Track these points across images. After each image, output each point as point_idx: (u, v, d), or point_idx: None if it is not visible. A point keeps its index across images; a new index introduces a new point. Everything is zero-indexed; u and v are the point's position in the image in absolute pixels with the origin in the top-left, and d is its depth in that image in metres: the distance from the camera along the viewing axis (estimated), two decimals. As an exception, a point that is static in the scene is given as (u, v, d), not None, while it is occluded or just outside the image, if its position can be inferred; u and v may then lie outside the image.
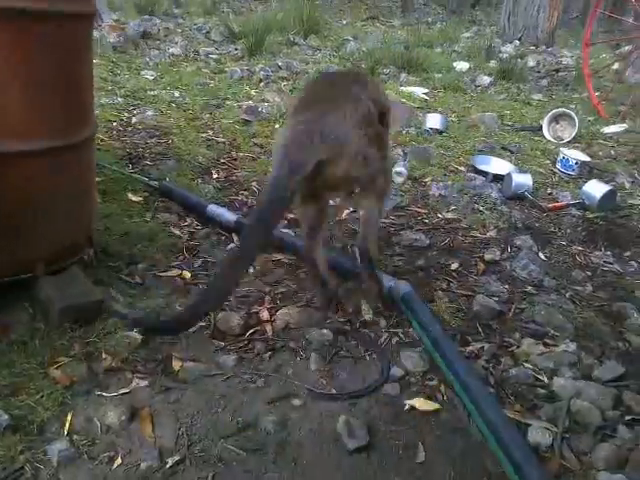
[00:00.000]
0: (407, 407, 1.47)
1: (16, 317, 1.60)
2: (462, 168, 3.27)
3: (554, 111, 4.08)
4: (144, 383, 1.48)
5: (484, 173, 3.11)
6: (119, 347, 1.56)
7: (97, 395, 1.42)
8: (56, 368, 1.47)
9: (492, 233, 2.53)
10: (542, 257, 2.34)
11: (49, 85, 1.49)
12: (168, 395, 1.46)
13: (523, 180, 2.89)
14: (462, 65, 6.51)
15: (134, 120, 3.61)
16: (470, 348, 1.72)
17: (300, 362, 1.61)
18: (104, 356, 1.54)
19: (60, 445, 1.26)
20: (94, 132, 1.76)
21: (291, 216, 2.50)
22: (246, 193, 2.75)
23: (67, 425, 1.33)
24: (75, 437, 1.29)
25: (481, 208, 2.77)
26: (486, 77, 5.91)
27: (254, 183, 2.86)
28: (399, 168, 2.99)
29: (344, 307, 1.87)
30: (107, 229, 2.16)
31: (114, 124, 3.47)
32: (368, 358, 1.65)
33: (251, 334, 1.72)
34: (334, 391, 1.51)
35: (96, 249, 1.92)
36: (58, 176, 1.60)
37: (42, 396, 1.37)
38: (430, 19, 13.94)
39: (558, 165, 3.37)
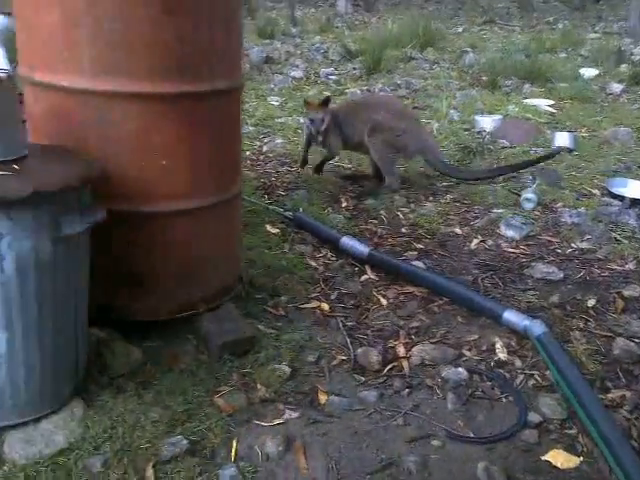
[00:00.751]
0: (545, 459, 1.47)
1: (183, 348, 1.78)
2: (596, 191, 3.18)
3: (698, 124, 3.84)
4: (295, 415, 1.59)
5: (620, 197, 3.00)
6: (271, 379, 1.71)
7: (255, 424, 1.55)
8: (219, 397, 1.61)
9: (631, 265, 2.43)
10: (688, 293, 2.22)
11: (209, 151, 1.70)
12: (317, 428, 1.55)
13: (665, 206, 2.74)
14: (590, 72, 6.26)
15: (265, 149, 3.86)
16: (611, 395, 1.67)
17: (437, 401, 1.65)
18: (259, 387, 1.67)
19: (229, 471, 1.38)
20: (242, 186, 1.96)
21: (420, 246, 2.58)
22: (375, 222, 2.86)
23: (233, 452, 1.45)
24: (241, 464, 1.42)
25: (618, 237, 2.65)
26: (617, 84, 5.66)
27: (382, 212, 2.96)
28: (528, 194, 2.96)
29: (477, 344, 1.91)
30: (251, 262, 2.34)
31: (247, 153, 3.72)
32: (504, 400, 1.65)
33: (389, 370, 1.79)
34: (471, 434, 1.53)
35: (244, 284, 2.12)
36: (218, 227, 1.80)
37: (211, 423, 1.54)
38: (551, 18, 13.33)
39: None
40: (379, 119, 3.10)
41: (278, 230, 2.68)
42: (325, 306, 2.13)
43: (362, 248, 2.40)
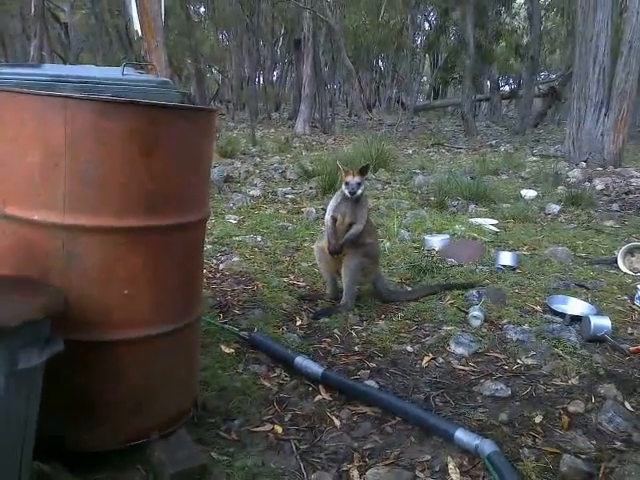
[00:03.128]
0: None
1: (130, 479, 1.74)
2: (538, 308, 3.34)
3: (628, 245, 4.12)
4: None
5: (561, 314, 3.14)
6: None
7: None
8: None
9: (574, 381, 2.51)
10: (629, 407, 2.28)
11: (173, 279, 1.74)
12: None
13: (602, 322, 2.85)
14: (530, 193, 6.72)
15: (221, 267, 3.96)
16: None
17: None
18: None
19: None
20: (203, 310, 2.01)
21: (372, 365, 2.65)
22: (329, 340, 2.92)
23: None
24: None
25: (561, 353, 2.76)
26: (555, 205, 6.06)
27: (336, 330, 3.04)
28: (475, 312, 3.11)
29: (431, 465, 1.94)
30: (205, 383, 2.35)
31: (204, 271, 3.80)
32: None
33: (343, 496, 1.81)
34: None
35: (198, 407, 2.12)
36: (177, 353, 1.80)
37: None
38: (494, 141, 14.45)
39: (637, 302, 3.36)
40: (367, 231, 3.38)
41: (233, 350, 2.71)
42: (279, 429, 2.14)
43: (316, 368, 2.44)
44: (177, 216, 1.72)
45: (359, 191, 3.23)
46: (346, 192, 3.23)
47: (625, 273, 3.99)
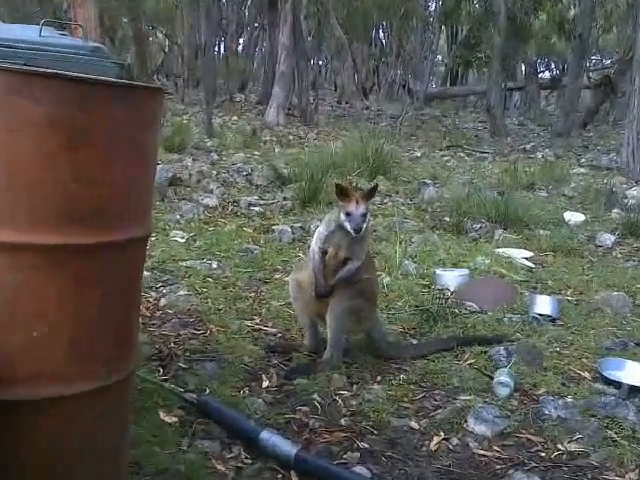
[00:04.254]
0: None
1: None
2: (586, 374, 3.34)
3: None
4: None
5: (616, 384, 3.15)
6: None
7: None
8: None
9: (632, 475, 2.48)
10: None
11: (99, 318, 1.71)
12: None
13: (670, 397, 2.91)
14: (576, 217, 6.83)
15: (163, 302, 3.97)
16: None
17: None
18: None
19: None
20: (138, 363, 1.98)
21: (364, 445, 2.65)
22: (306, 409, 2.91)
23: None
24: None
25: (615, 436, 2.74)
26: (608, 234, 6.14)
27: (316, 395, 3.03)
28: (503, 377, 3.12)
29: None
30: (137, 465, 2.31)
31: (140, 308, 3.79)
32: None
33: None
34: None
35: (127, 498, 2.09)
36: (97, 422, 1.76)
37: None
38: (529, 145, 14.57)
39: None
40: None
41: (175, 419, 2.68)
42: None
43: (287, 447, 2.42)
44: (108, 232, 1.70)
45: (364, 226, 3.25)
46: (348, 227, 3.22)
47: (699, 330, 4.02)
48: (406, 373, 3.32)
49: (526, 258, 5.36)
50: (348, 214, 3.20)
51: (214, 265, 4.67)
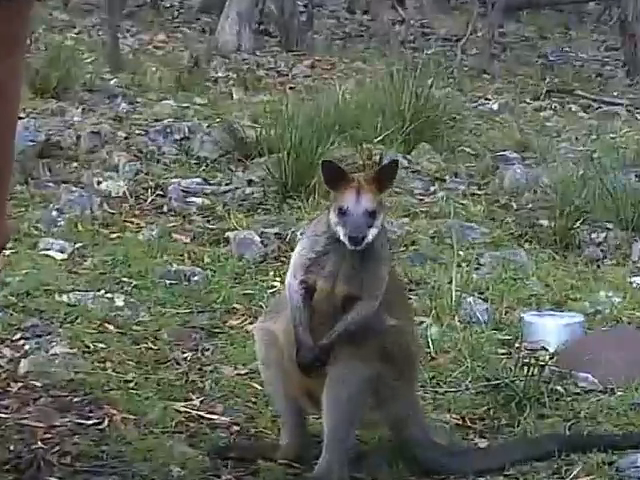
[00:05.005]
0: None
1: None
2: None
3: None
4: None
5: None
6: None
7: None
8: None
9: None
10: None
11: None
12: None
13: None
14: None
15: (25, 366, 3.94)
16: None
17: None
18: None
19: None
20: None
21: None
22: None
23: None
24: None
25: None
26: None
27: None
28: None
29: None
30: None
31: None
32: None
33: None
34: None
35: None
36: None
37: None
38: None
39: None
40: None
41: None
42: None
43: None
44: None
45: (371, 234, 3.23)
46: (340, 235, 3.22)
47: None
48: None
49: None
50: (342, 211, 3.20)
51: (118, 301, 4.69)
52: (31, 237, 5.48)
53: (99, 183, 6.51)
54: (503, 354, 4.51)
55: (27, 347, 4.16)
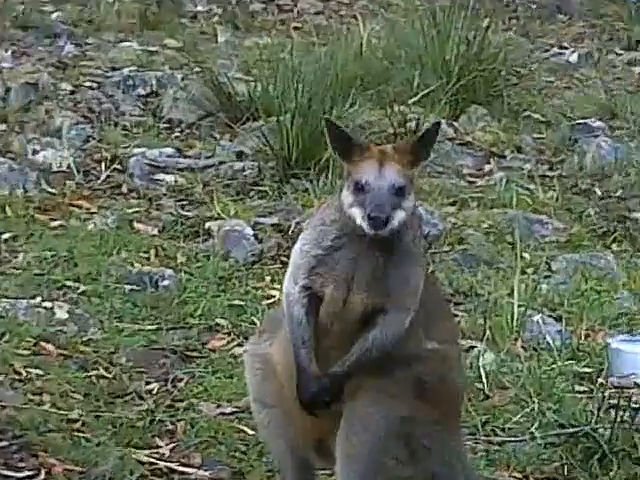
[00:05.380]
0: None
1: None
2: None
3: None
4: None
5: None
6: None
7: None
8: None
9: None
10: None
11: None
12: None
13: None
14: None
15: None
16: None
17: None
18: None
19: None
20: None
21: None
22: None
23: None
24: None
25: None
26: None
27: None
28: None
29: None
30: None
31: None
32: None
33: None
34: None
35: None
36: None
37: None
38: None
39: None
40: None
41: None
42: None
43: None
44: None
45: (397, 218, 3.21)
46: (356, 218, 3.21)
47: None
48: None
49: None
50: (358, 186, 3.20)
51: (60, 313, 4.68)
52: None
53: (35, 153, 6.47)
54: (582, 392, 4.50)
55: None
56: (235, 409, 4.08)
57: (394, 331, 3.24)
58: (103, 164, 6.44)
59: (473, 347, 4.65)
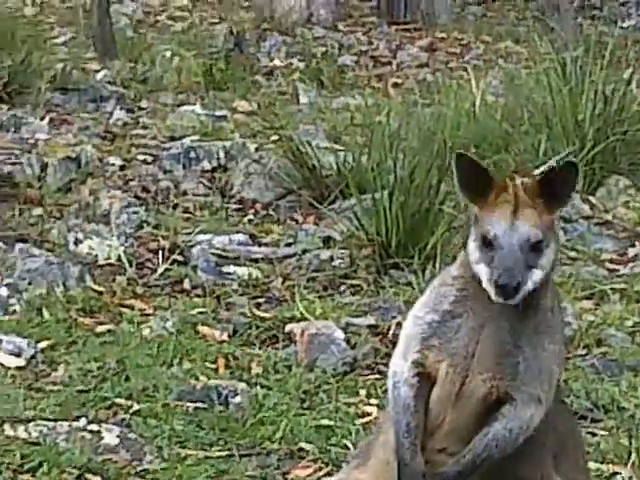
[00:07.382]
0: None
1: None
2: None
3: None
4: None
5: None
6: None
7: None
8: None
9: None
10: None
11: None
12: None
13: None
14: None
15: None
16: None
17: None
18: None
19: None
20: None
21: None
22: None
23: None
24: None
25: None
26: None
27: None
28: None
29: None
30: None
31: None
32: None
33: None
34: None
35: None
36: None
37: None
38: None
39: None
40: None
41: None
42: None
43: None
44: None
45: (531, 280, 3.17)
46: (483, 279, 3.21)
47: None
48: None
49: None
50: (486, 241, 3.23)
51: (109, 438, 4.40)
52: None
53: (77, 242, 6.13)
54: None
55: None
56: None
57: (520, 427, 3.27)
58: (160, 255, 6.31)
59: (616, 474, 4.42)
